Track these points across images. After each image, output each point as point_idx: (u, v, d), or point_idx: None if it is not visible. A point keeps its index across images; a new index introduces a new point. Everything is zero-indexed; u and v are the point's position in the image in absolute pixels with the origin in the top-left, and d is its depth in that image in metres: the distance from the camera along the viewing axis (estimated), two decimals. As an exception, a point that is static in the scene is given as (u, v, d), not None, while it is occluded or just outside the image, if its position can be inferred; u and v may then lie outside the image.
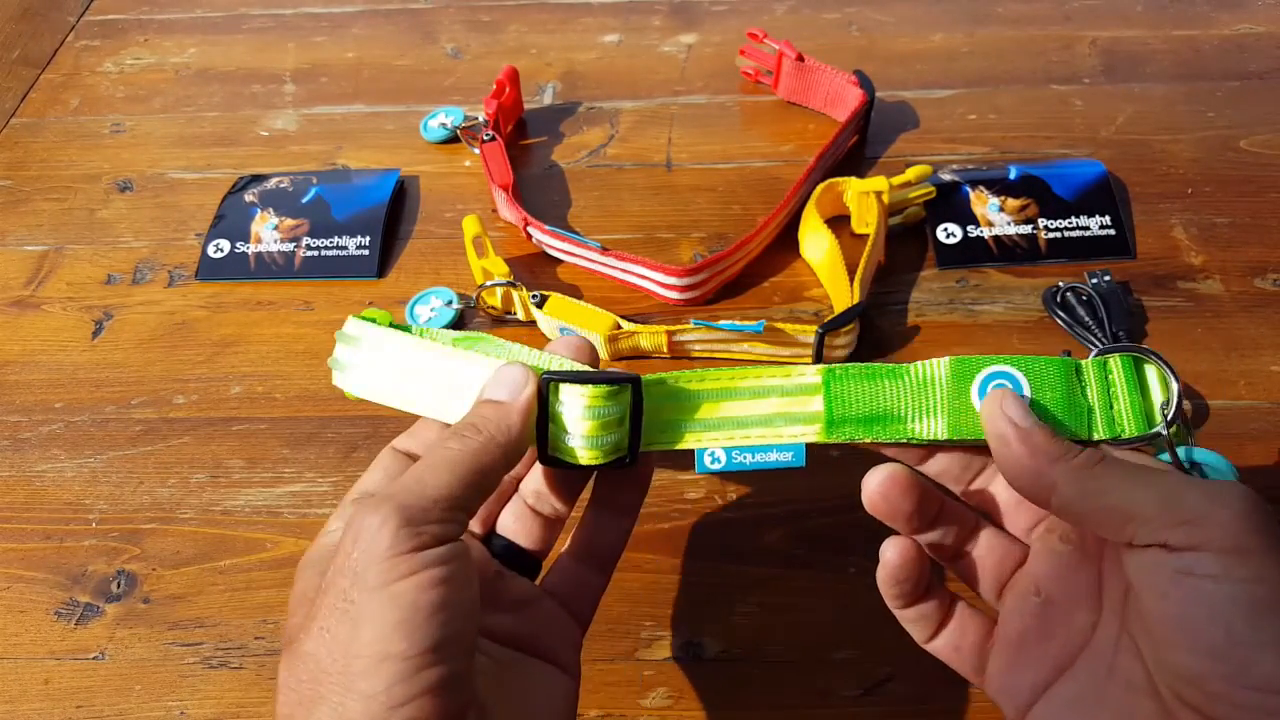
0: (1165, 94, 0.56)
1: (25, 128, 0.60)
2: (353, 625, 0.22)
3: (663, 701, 0.36)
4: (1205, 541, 0.22)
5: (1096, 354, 0.29)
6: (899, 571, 0.28)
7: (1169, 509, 0.23)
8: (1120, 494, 0.24)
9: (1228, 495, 0.23)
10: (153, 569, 0.41)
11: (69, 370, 0.48)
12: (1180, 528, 0.23)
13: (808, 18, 0.63)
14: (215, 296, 0.50)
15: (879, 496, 0.27)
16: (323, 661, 0.23)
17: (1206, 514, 0.23)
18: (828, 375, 0.29)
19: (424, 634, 0.22)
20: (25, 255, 0.53)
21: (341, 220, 0.52)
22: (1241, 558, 0.22)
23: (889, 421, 0.28)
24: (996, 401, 0.27)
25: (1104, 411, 0.28)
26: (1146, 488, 0.24)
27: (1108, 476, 0.25)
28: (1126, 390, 0.28)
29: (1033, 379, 0.28)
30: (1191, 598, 0.22)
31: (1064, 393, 0.28)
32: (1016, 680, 0.27)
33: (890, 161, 0.54)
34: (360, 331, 0.32)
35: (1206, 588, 0.22)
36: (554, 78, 0.60)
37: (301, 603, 0.25)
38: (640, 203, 0.53)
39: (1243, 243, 0.48)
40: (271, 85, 0.61)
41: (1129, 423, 0.28)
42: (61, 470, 0.44)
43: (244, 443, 0.44)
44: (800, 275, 0.49)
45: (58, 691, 0.37)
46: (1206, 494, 0.23)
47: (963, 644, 0.29)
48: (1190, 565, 0.23)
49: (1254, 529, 0.22)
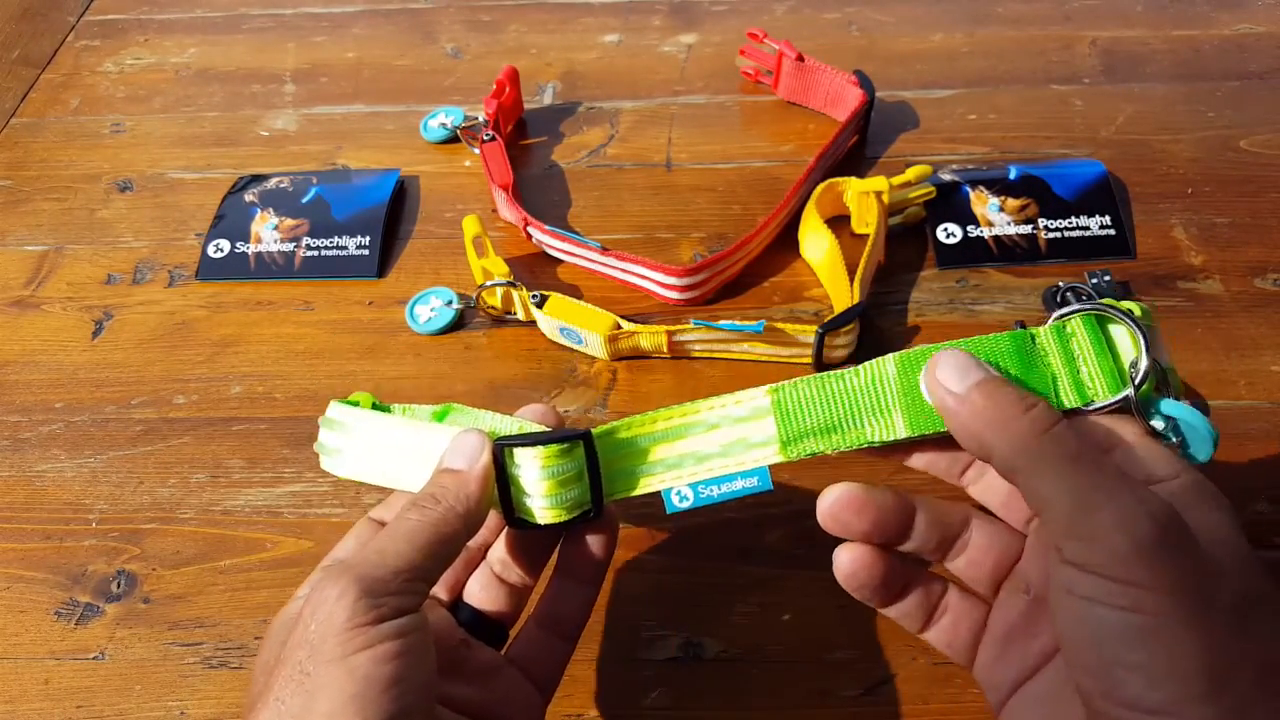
0: (1165, 94, 0.56)
1: (25, 128, 0.60)
2: (308, 697, 0.23)
3: (663, 702, 0.36)
4: (1093, 563, 0.22)
5: (1055, 318, 0.27)
6: (852, 580, 0.28)
7: (1074, 519, 0.23)
8: (1044, 479, 0.23)
9: (1136, 522, 0.22)
10: (153, 569, 0.41)
11: (69, 370, 0.48)
12: (1076, 542, 0.22)
13: (808, 18, 0.63)
14: (215, 296, 0.50)
15: (829, 518, 0.27)
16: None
17: (1105, 537, 0.22)
18: (775, 394, 0.29)
19: (378, 708, 0.22)
20: (25, 255, 0.53)
21: (341, 220, 0.52)
22: (1124, 588, 0.22)
23: (845, 428, 0.28)
24: (931, 371, 0.26)
25: (1071, 377, 0.26)
26: (1066, 485, 0.23)
27: (1043, 451, 0.24)
28: (1093, 352, 0.26)
29: (984, 357, 0.27)
30: (1073, 616, 0.23)
31: (1020, 366, 0.27)
32: (1000, 674, 0.27)
33: (890, 161, 0.54)
34: (343, 416, 0.32)
35: (1084, 609, 0.22)
36: (554, 78, 0.60)
37: (263, 671, 0.25)
38: (640, 203, 0.53)
39: (1243, 243, 0.48)
40: (271, 85, 0.61)
41: (1100, 386, 0.26)
42: (61, 470, 0.44)
43: (244, 442, 0.44)
44: (800, 275, 0.49)
45: (58, 691, 0.38)
46: (1117, 515, 0.22)
47: (955, 638, 0.29)
48: (1073, 583, 0.22)
49: (1147, 560, 0.22)
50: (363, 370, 0.46)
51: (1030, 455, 0.24)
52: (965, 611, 0.29)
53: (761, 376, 0.45)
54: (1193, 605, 0.21)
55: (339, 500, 0.42)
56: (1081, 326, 0.27)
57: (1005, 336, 0.27)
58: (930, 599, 0.29)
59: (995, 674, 0.27)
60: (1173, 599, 0.21)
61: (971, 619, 0.29)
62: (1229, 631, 0.21)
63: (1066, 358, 0.27)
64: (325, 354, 0.47)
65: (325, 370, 0.47)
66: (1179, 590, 0.21)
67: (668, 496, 0.29)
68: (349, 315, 0.49)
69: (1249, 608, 0.22)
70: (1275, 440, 0.41)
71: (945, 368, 0.26)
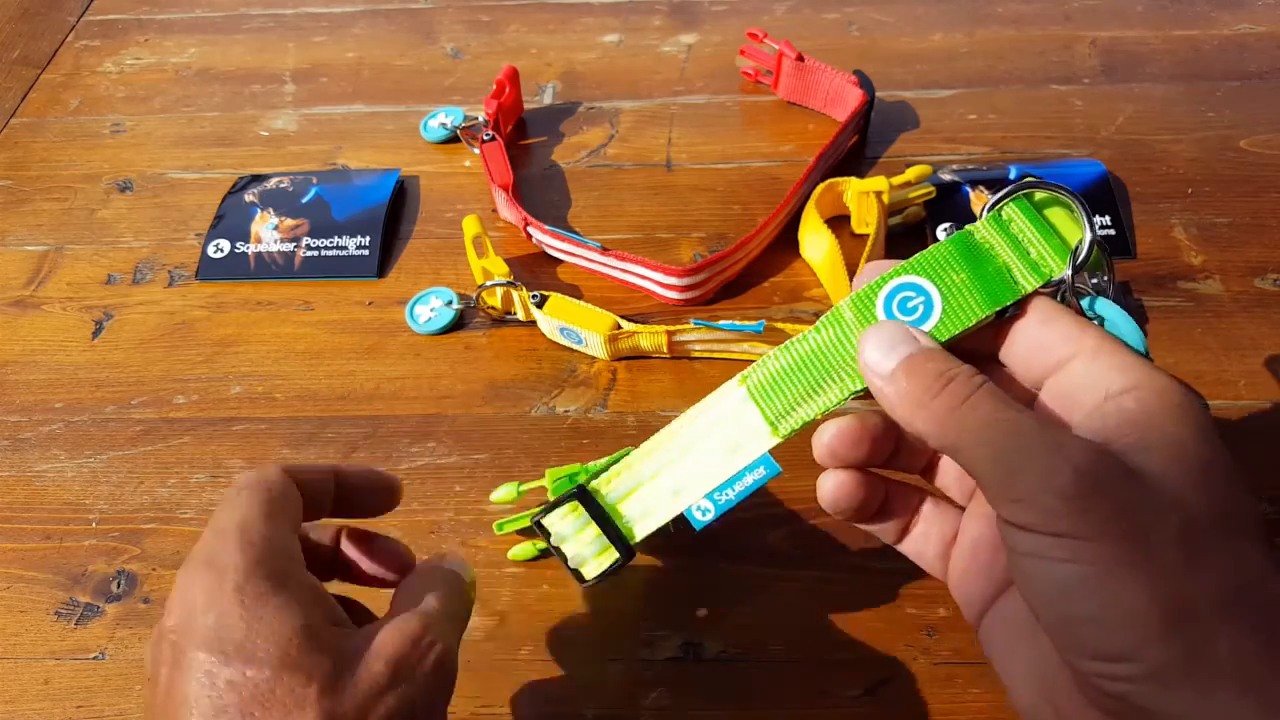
0: (1165, 94, 0.56)
1: (25, 128, 0.60)
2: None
3: (662, 701, 0.36)
4: (1028, 523, 0.22)
5: (988, 209, 0.27)
6: (835, 504, 0.28)
7: (1002, 483, 0.22)
8: (968, 450, 0.23)
9: (1057, 474, 0.21)
10: (153, 569, 0.41)
11: (69, 370, 0.48)
12: (1010, 504, 0.22)
13: (808, 18, 0.63)
14: (215, 296, 0.50)
15: (827, 454, 0.27)
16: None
17: (1033, 495, 0.22)
18: (746, 381, 0.29)
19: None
20: (25, 255, 0.53)
21: (341, 220, 0.52)
22: (1059, 541, 0.21)
23: (826, 387, 0.28)
24: (861, 349, 0.26)
25: (1023, 260, 0.26)
26: (988, 451, 0.23)
27: (963, 423, 0.23)
28: (1034, 231, 0.26)
29: (932, 273, 0.26)
30: (1025, 576, 0.23)
31: (969, 268, 0.26)
32: (968, 588, 0.27)
33: (890, 161, 0.54)
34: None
35: (1031, 566, 0.22)
36: (554, 78, 0.60)
37: None
38: (640, 203, 0.53)
39: (1243, 243, 0.48)
40: (271, 85, 0.61)
41: (1054, 263, 0.26)
42: (61, 470, 0.44)
43: (244, 442, 0.44)
44: (800, 275, 0.49)
45: (58, 691, 0.38)
46: (1038, 471, 0.22)
47: (925, 549, 0.29)
48: (1016, 542, 0.22)
49: (1077, 511, 0.21)
50: (363, 370, 0.46)
51: (955, 430, 0.24)
52: (937, 521, 0.29)
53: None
54: (1133, 545, 0.21)
55: (339, 500, 0.42)
56: (1017, 211, 0.26)
57: (948, 243, 0.27)
58: (907, 512, 0.29)
59: (965, 587, 0.27)
60: (1108, 544, 0.21)
61: (942, 528, 0.28)
62: (1178, 565, 0.21)
63: (1013, 243, 0.26)
64: (325, 354, 0.47)
65: (325, 370, 0.47)
66: (1113, 534, 0.21)
67: (690, 516, 0.30)
68: (349, 315, 0.49)
69: (1204, 533, 0.21)
70: (1275, 440, 0.41)
71: (871, 347, 0.25)
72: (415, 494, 0.42)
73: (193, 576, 0.26)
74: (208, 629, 0.25)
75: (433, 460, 0.43)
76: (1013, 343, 0.26)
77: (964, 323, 0.26)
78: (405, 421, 0.45)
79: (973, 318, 0.26)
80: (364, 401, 0.45)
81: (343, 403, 0.45)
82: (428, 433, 0.44)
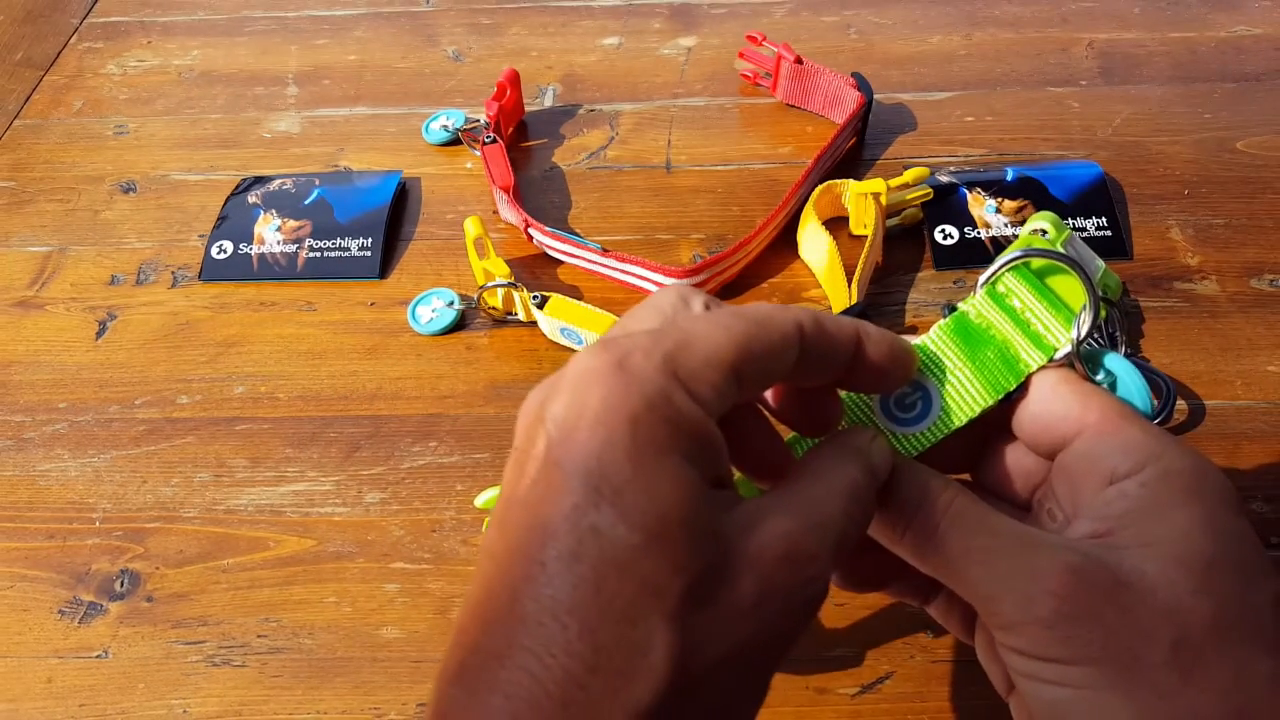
0: (1162, 96, 0.56)
1: (29, 129, 0.61)
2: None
3: (662, 699, 0.36)
4: (1018, 649, 0.22)
5: (981, 283, 0.25)
6: (847, 581, 0.28)
7: (989, 612, 0.22)
8: (954, 582, 0.23)
9: (1036, 603, 0.21)
10: (156, 568, 0.41)
11: (73, 370, 0.48)
12: (998, 631, 0.22)
13: (806, 20, 0.63)
14: (219, 297, 0.51)
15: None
16: None
17: (1015, 625, 0.22)
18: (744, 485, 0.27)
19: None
20: (29, 256, 0.53)
21: (344, 222, 0.52)
22: (1048, 666, 0.21)
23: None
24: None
25: (1025, 335, 0.25)
26: (970, 581, 0.23)
27: (939, 558, 0.23)
28: (1039, 302, 0.25)
29: (931, 370, 0.26)
30: (1027, 696, 0.22)
31: (967, 355, 0.25)
32: (996, 656, 0.26)
33: (888, 163, 0.54)
34: None
35: (1029, 688, 0.22)
36: (554, 80, 0.61)
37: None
38: (640, 204, 0.53)
39: (1239, 244, 0.49)
40: (274, 87, 0.62)
41: (1057, 334, 0.24)
42: (65, 470, 0.44)
43: (247, 442, 0.44)
44: (799, 276, 0.49)
45: (61, 690, 0.38)
46: (1018, 602, 0.21)
47: (950, 614, 0.28)
48: (1013, 665, 0.22)
49: (1060, 640, 0.21)
50: (365, 370, 0.47)
51: (933, 563, 0.23)
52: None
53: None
54: (1121, 669, 0.20)
55: (341, 499, 0.42)
56: (1015, 280, 0.25)
57: (942, 329, 0.26)
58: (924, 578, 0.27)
59: (992, 655, 0.26)
60: (1097, 668, 0.21)
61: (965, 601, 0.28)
62: (1172, 688, 0.20)
63: (1011, 318, 0.25)
64: (328, 354, 0.48)
65: (328, 370, 0.47)
66: (1101, 658, 0.21)
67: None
68: (351, 316, 0.49)
69: (1199, 646, 0.20)
70: (1272, 440, 0.41)
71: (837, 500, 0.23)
72: (417, 493, 0.42)
73: (600, 367, 0.20)
74: (590, 455, 0.20)
75: (434, 460, 0.43)
76: (1020, 418, 0.25)
77: (964, 417, 0.25)
78: (407, 421, 0.45)
79: (973, 410, 0.25)
80: (366, 401, 0.46)
81: (345, 403, 0.46)
82: (429, 432, 0.44)
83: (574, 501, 0.19)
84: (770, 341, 0.22)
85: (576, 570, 0.19)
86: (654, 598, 0.19)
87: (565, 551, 0.19)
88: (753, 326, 0.22)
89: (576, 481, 0.20)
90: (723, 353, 0.21)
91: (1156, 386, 0.42)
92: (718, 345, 0.21)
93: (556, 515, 0.19)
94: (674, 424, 0.20)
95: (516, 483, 0.21)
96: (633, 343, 0.21)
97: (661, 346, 0.21)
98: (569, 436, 0.20)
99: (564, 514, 0.19)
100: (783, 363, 0.22)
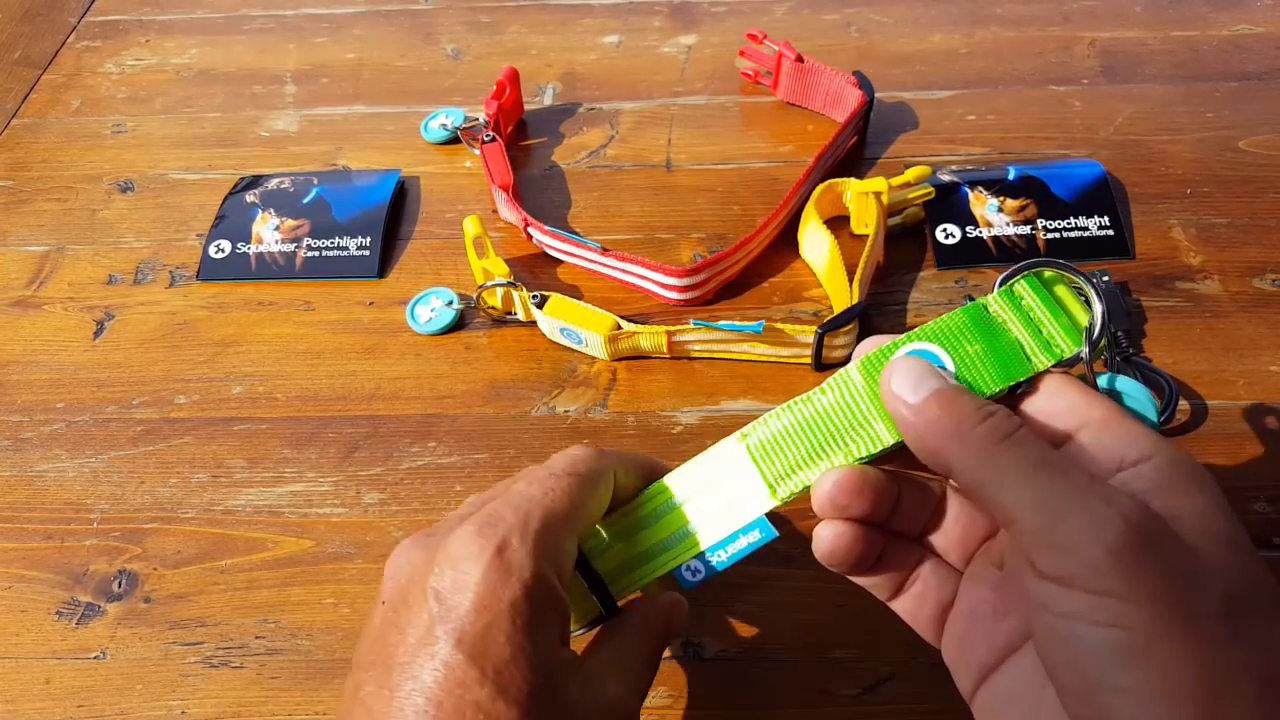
0: (1164, 94, 0.56)
1: (26, 128, 0.61)
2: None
3: (662, 701, 0.36)
4: (1068, 575, 0.21)
5: (999, 284, 0.27)
6: (832, 558, 0.27)
7: (1044, 529, 0.21)
8: (1008, 490, 0.22)
9: (1110, 526, 0.20)
10: (154, 568, 0.41)
11: (70, 370, 0.48)
12: (1049, 552, 0.21)
13: (807, 19, 0.63)
14: (216, 297, 0.50)
15: (828, 503, 0.26)
16: None
17: (1079, 545, 0.21)
18: (746, 439, 0.28)
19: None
20: (27, 255, 0.53)
21: (342, 221, 0.52)
22: (1102, 600, 0.20)
23: (829, 451, 0.27)
24: (886, 382, 0.25)
25: (1035, 339, 0.26)
26: (1032, 494, 0.22)
27: (1004, 461, 0.22)
28: (1047, 311, 0.26)
29: (946, 343, 0.26)
30: (1053, 635, 0.21)
31: (985, 340, 0.26)
32: (966, 654, 0.26)
33: (889, 162, 0.54)
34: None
35: (1063, 627, 0.21)
36: (554, 78, 0.60)
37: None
38: (640, 203, 0.53)
39: (1241, 243, 0.49)
40: (272, 86, 0.61)
41: (1064, 342, 0.26)
42: (63, 470, 0.44)
43: (245, 442, 0.44)
44: (800, 275, 0.49)
45: (59, 691, 0.38)
46: (1087, 520, 0.21)
47: (921, 610, 0.28)
48: (1049, 598, 0.21)
49: (1126, 568, 0.20)
50: (363, 370, 0.47)
51: (992, 466, 0.23)
52: (935, 583, 0.28)
53: (761, 376, 0.45)
54: (1178, 614, 0.20)
55: (339, 500, 0.42)
56: (1028, 288, 0.26)
57: (961, 313, 0.26)
58: (904, 569, 0.28)
59: (963, 653, 0.26)
60: (1155, 609, 0.20)
61: (940, 591, 0.27)
62: (1221, 640, 0.20)
63: (1025, 320, 0.26)
64: (326, 354, 0.47)
65: (326, 370, 0.47)
66: (1160, 599, 0.20)
67: (680, 575, 0.29)
68: (350, 316, 0.49)
69: (1242, 608, 0.20)
70: (1274, 440, 0.41)
71: (900, 377, 0.25)
72: (415, 494, 0.42)
73: (480, 553, 0.25)
74: (476, 638, 0.24)
75: (433, 460, 0.43)
76: (1025, 410, 0.25)
77: (979, 393, 0.25)
78: (406, 421, 0.45)
79: (987, 390, 0.25)
80: (365, 401, 0.45)
81: (343, 403, 0.45)
82: (428, 432, 0.44)
83: (458, 678, 0.23)
84: (596, 495, 0.28)
85: None
86: None
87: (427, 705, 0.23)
88: (578, 482, 0.28)
89: (460, 658, 0.23)
90: (572, 518, 0.27)
91: (1158, 386, 0.42)
92: (564, 513, 0.27)
93: (440, 690, 0.23)
94: (544, 603, 0.25)
95: (397, 644, 0.24)
96: (508, 529, 0.25)
97: (530, 528, 0.26)
98: (456, 616, 0.24)
99: (448, 689, 0.23)
100: (601, 508, 0.29)
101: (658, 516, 0.30)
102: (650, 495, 0.30)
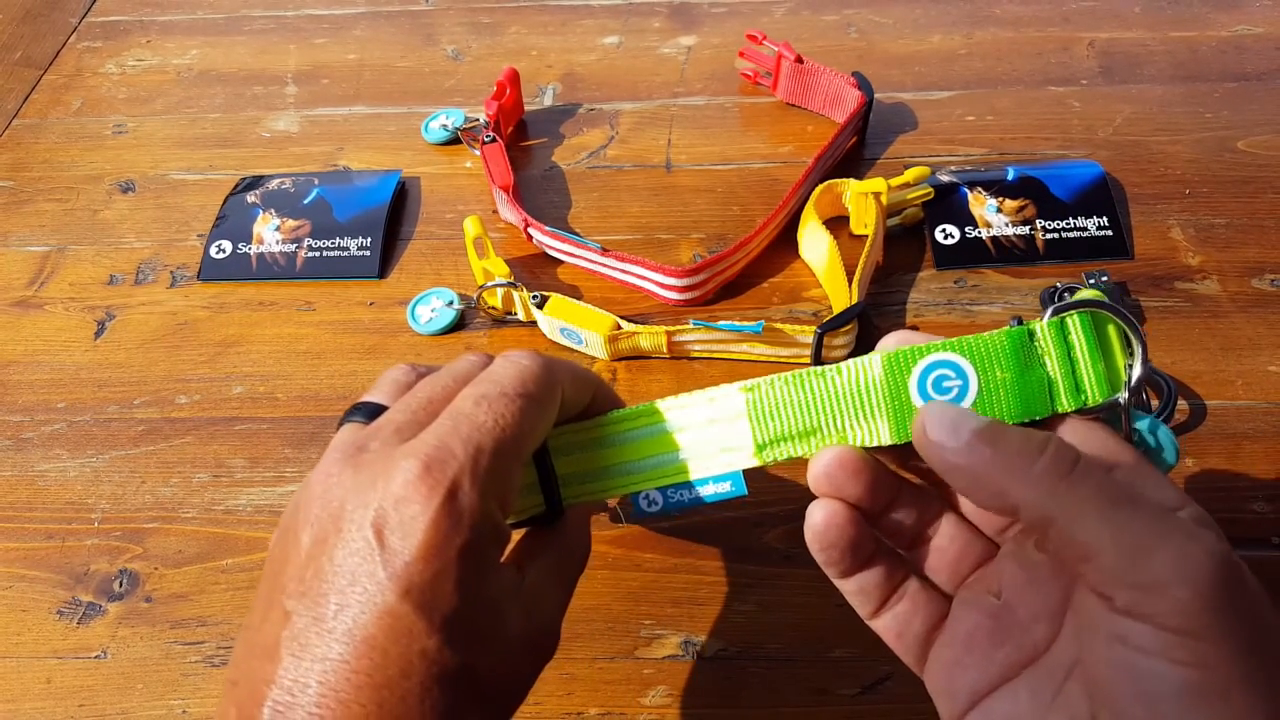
0: (1163, 95, 0.56)
1: (27, 129, 0.61)
2: None
3: (662, 700, 0.36)
4: (1153, 614, 0.20)
5: (1051, 313, 0.25)
6: (824, 537, 0.26)
7: (1130, 565, 0.21)
8: (1084, 526, 0.21)
9: (1197, 565, 0.20)
10: (155, 568, 0.41)
11: (71, 370, 0.48)
12: (1132, 590, 0.21)
13: (807, 19, 0.63)
14: (217, 297, 0.50)
15: (824, 477, 0.25)
16: None
17: (1165, 584, 0.20)
18: (751, 393, 0.27)
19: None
20: (28, 255, 0.53)
21: (343, 221, 0.52)
22: (1185, 640, 0.20)
23: (825, 432, 0.26)
24: (919, 432, 0.24)
25: (1066, 379, 0.25)
26: (1112, 529, 0.21)
27: (1075, 496, 0.22)
28: (1088, 352, 0.25)
29: (978, 362, 0.25)
30: (1122, 667, 0.21)
31: (1017, 371, 0.25)
32: (956, 680, 0.25)
33: (889, 163, 0.54)
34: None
35: (1138, 662, 0.20)
36: (554, 79, 0.60)
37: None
38: (640, 204, 0.53)
39: (1240, 243, 0.49)
40: (273, 86, 0.62)
41: (1094, 389, 0.25)
42: (64, 470, 0.44)
43: (246, 442, 0.44)
44: (799, 276, 0.49)
45: (60, 690, 0.38)
46: (1176, 558, 0.20)
47: (906, 630, 0.26)
48: (1127, 633, 0.21)
49: (1212, 609, 0.20)
50: (364, 370, 0.47)
51: (1062, 501, 0.22)
52: (923, 603, 0.26)
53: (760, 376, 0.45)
54: (1255, 657, 0.19)
55: (340, 500, 0.42)
56: (1079, 325, 0.25)
57: (1002, 336, 0.25)
58: (891, 581, 0.27)
59: (950, 679, 0.25)
60: (1235, 654, 0.19)
61: (928, 613, 0.26)
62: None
63: (1064, 358, 0.25)
64: (327, 354, 0.48)
65: (327, 370, 0.47)
66: (1241, 643, 0.20)
67: (637, 501, 0.29)
68: (350, 316, 0.49)
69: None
70: (1272, 440, 0.41)
71: (936, 425, 0.23)
72: (416, 493, 0.42)
73: (429, 491, 0.23)
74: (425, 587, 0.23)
75: (433, 460, 0.43)
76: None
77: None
78: (406, 421, 0.45)
79: (1003, 418, 0.25)
80: (365, 401, 0.45)
81: (344, 402, 0.46)
82: (428, 432, 0.44)
83: (405, 627, 0.23)
84: (546, 418, 0.27)
85: (404, 685, 0.22)
86: (477, 703, 0.24)
87: (396, 673, 0.22)
88: (531, 405, 0.26)
89: (407, 608, 0.23)
90: (522, 445, 0.25)
91: (1157, 386, 0.42)
92: (514, 441, 0.25)
93: (385, 638, 0.22)
94: (491, 540, 0.24)
95: (331, 578, 0.23)
96: (459, 470, 0.24)
97: (481, 465, 0.24)
98: (401, 563, 0.23)
99: (394, 638, 0.23)
100: (549, 427, 0.27)
101: (635, 438, 0.29)
102: (633, 414, 0.29)
